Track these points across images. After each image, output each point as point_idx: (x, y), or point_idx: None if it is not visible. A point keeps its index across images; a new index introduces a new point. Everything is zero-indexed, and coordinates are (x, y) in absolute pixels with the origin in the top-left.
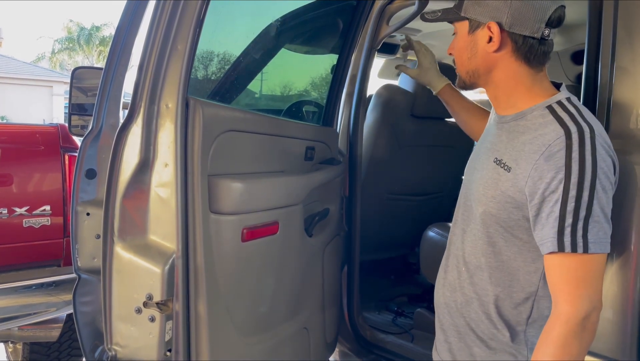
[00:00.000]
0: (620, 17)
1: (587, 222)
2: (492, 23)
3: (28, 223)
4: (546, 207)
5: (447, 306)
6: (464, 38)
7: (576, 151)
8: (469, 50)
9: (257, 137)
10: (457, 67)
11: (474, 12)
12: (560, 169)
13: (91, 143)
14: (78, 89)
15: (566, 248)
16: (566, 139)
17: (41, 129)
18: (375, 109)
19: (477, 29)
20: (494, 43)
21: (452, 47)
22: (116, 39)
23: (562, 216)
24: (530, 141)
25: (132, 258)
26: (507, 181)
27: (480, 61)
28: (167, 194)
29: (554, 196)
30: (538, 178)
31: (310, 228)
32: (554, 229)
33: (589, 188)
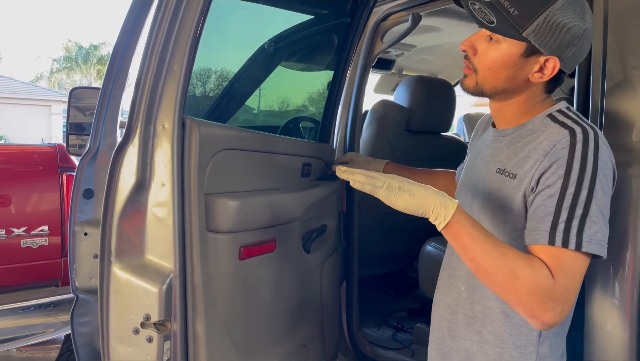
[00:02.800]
0: (610, 30)
1: (584, 221)
2: (553, 59)
3: (26, 243)
4: (539, 199)
5: (449, 329)
6: (510, 57)
7: (579, 150)
8: (511, 71)
9: (253, 155)
10: (483, 77)
11: (542, 41)
12: (562, 165)
13: (89, 163)
14: (76, 108)
15: (557, 242)
16: (570, 139)
17: (39, 150)
18: (371, 125)
19: (532, 55)
20: (543, 76)
21: (476, 49)
22: (113, 59)
23: (557, 211)
24: (535, 147)
25: (130, 278)
26: (513, 188)
27: (516, 84)
28: (164, 213)
29: (550, 190)
30: (540, 175)
31: (308, 244)
32: (547, 224)
33: (588, 187)
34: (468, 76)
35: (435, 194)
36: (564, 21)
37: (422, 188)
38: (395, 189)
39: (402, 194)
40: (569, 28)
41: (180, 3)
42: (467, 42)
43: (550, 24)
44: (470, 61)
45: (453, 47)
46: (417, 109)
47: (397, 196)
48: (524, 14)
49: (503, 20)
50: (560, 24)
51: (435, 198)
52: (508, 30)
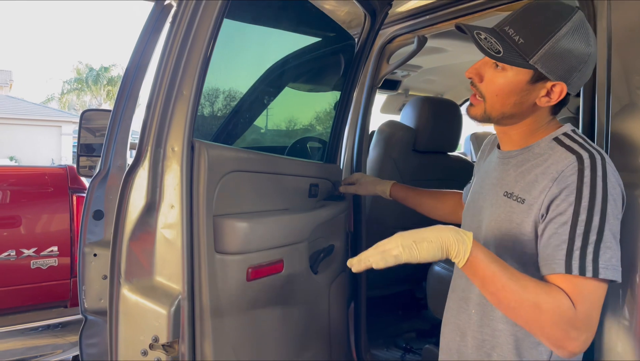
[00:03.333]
0: (614, 51)
1: (598, 247)
2: (561, 84)
3: (36, 264)
4: (551, 227)
5: (458, 352)
6: (517, 84)
7: (588, 176)
8: (519, 97)
9: (261, 176)
10: (491, 105)
11: (549, 67)
12: (572, 192)
13: (99, 185)
14: (87, 130)
15: (574, 270)
16: (578, 164)
17: (50, 171)
18: (377, 145)
19: (539, 81)
20: (550, 100)
21: (482, 76)
22: (124, 82)
23: (571, 239)
24: (542, 172)
25: (139, 299)
26: (522, 212)
27: (524, 109)
28: (173, 235)
29: (562, 218)
30: (550, 202)
31: (316, 265)
32: (562, 252)
33: (600, 213)
34: (475, 105)
35: (449, 232)
36: (570, 47)
37: (434, 231)
38: (412, 246)
39: (421, 246)
40: (575, 54)
41: (190, 28)
42: (472, 69)
43: (557, 50)
44: (476, 87)
45: (458, 67)
46: (424, 129)
47: (418, 250)
48: (530, 42)
49: (509, 49)
50: (567, 50)
51: (451, 235)
52: (515, 59)
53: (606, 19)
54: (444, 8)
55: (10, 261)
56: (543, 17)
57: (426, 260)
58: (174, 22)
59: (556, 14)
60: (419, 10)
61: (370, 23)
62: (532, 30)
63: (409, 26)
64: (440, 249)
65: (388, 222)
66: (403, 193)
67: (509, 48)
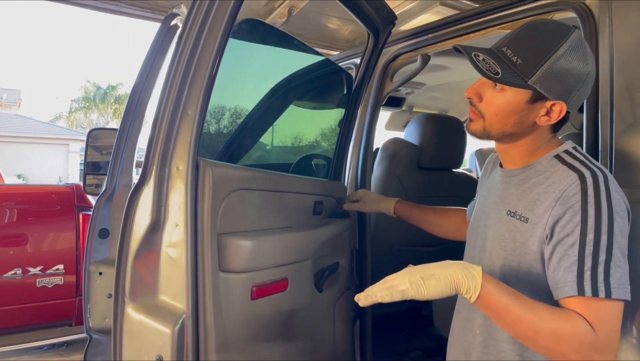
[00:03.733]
0: (616, 68)
1: (609, 266)
2: (560, 103)
3: (41, 282)
4: (560, 249)
5: None
6: (517, 104)
7: (592, 195)
8: (518, 117)
9: (265, 194)
10: (490, 124)
11: (548, 87)
12: (577, 212)
13: (105, 203)
14: (94, 148)
15: (586, 292)
16: (581, 183)
17: (57, 189)
18: (382, 162)
19: (538, 101)
20: (550, 119)
21: (481, 96)
22: (130, 102)
23: (581, 260)
24: (544, 190)
25: (143, 318)
26: (526, 232)
27: (524, 128)
28: (178, 254)
29: (570, 239)
30: (554, 223)
31: (320, 283)
32: (572, 273)
33: (607, 232)
34: (474, 121)
35: (458, 268)
36: (568, 67)
37: (442, 267)
38: (419, 282)
39: (429, 283)
40: (574, 73)
41: (195, 49)
42: (471, 89)
43: (555, 70)
44: (476, 107)
45: (462, 84)
46: (428, 146)
47: (426, 287)
48: (528, 62)
49: (508, 70)
50: (565, 69)
51: (459, 271)
52: (514, 80)
53: (608, 37)
54: (446, 27)
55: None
56: (541, 37)
57: (434, 297)
58: (180, 43)
59: (554, 34)
60: (421, 29)
61: (373, 42)
62: (530, 50)
63: (412, 44)
64: (448, 286)
65: (393, 240)
66: (407, 210)
67: (507, 69)
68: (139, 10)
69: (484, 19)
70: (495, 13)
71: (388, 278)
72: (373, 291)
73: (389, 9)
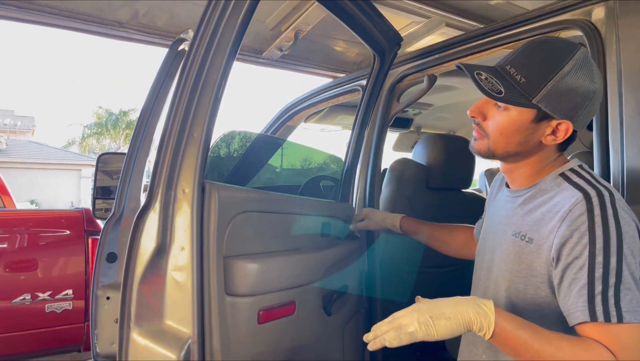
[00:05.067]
0: (625, 86)
1: (618, 289)
2: (566, 122)
3: (50, 308)
4: (569, 273)
5: None
6: (521, 123)
7: (598, 215)
8: (523, 136)
9: (272, 216)
10: (495, 142)
11: (553, 106)
12: (584, 234)
13: (113, 227)
14: (103, 172)
15: (598, 317)
16: (586, 203)
17: (66, 214)
18: (390, 183)
19: (543, 120)
20: (556, 139)
21: (485, 114)
22: (138, 126)
23: (591, 283)
24: (549, 210)
25: (148, 344)
26: (531, 253)
27: (530, 147)
28: (183, 277)
29: (578, 262)
30: (561, 245)
31: (329, 306)
32: (583, 298)
33: (616, 254)
34: (479, 140)
35: (469, 306)
36: (573, 85)
37: (451, 305)
38: (428, 322)
39: (438, 323)
40: (580, 92)
41: (201, 73)
42: (475, 108)
43: (560, 89)
44: (480, 126)
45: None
46: (436, 166)
47: (435, 328)
48: (532, 81)
49: (511, 89)
50: (570, 88)
51: (470, 310)
52: (518, 99)
53: (616, 54)
54: (452, 47)
55: (25, 305)
56: (544, 55)
57: (444, 338)
58: (185, 67)
59: (558, 52)
60: (427, 50)
61: (379, 63)
62: (534, 68)
63: (419, 65)
64: (460, 325)
65: (402, 262)
66: (413, 226)
67: (510, 88)
68: (148, 36)
69: (489, 39)
70: (501, 33)
71: (397, 316)
72: (382, 332)
73: (394, 30)
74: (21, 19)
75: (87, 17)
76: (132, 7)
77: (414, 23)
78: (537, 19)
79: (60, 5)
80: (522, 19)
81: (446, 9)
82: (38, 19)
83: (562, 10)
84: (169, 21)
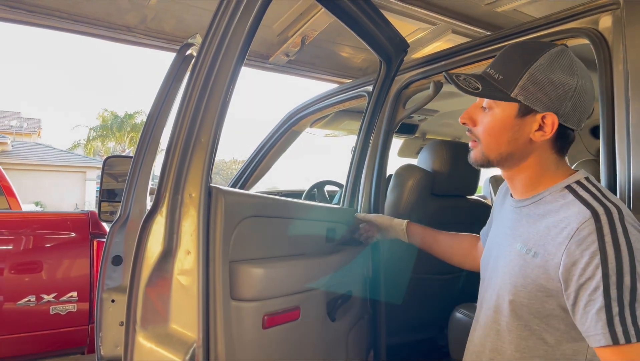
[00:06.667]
0: (632, 92)
1: (634, 307)
2: (550, 114)
3: (55, 310)
4: (583, 295)
5: None
6: (506, 120)
7: (608, 234)
8: (510, 133)
9: (278, 221)
10: (486, 145)
11: (532, 98)
12: (595, 254)
13: (119, 230)
14: (109, 175)
15: (620, 339)
16: (595, 222)
17: (72, 217)
18: (395, 189)
19: (527, 115)
20: (545, 134)
21: (474, 119)
22: (145, 130)
23: (608, 305)
24: (554, 224)
25: (153, 347)
26: (536, 268)
27: (521, 146)
28: (189, 281)
29: (592, 283)
30: (571, 264)
31: (333, 311)
32: (602, 321)
33: (630, 272)
34: (473, 148)
35: None
36: (550, 77)
37: None
38: None
39: None
40: (558, 83)
41: (209, 78)
42: (465, 114)
43: (536, 81)
44: (472, 132)
45: None
46: (441, 173)
47: None
48: (508, 76)
49: (489, 85)
50: (547, 80)
51: None
52: (495, 94)
53: (623, 63)
54: (458, 54)
55: (30, 306)
56: (520, 53)
57: None
58: (193, 71)
59: (533, 49)
60: (433, 57)
61: (386, 69)
62: (510, 66)
63: (425, 72)
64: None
65: (407, 268)
66: (420, 230)
67: (488, 85)
68: (156, 41)
69: (495, 46)
70: (507, 40)
71: None
72: None
73: (401, 37)
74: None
75: (96, 22)
76: (140, 12)
77: (420, 30)
78: (544, 27)
79: (70, 9)
80: (528, 26)
81: (452, 16)
82: (48, 23)
83: (569, 18)
84: (176, 26)
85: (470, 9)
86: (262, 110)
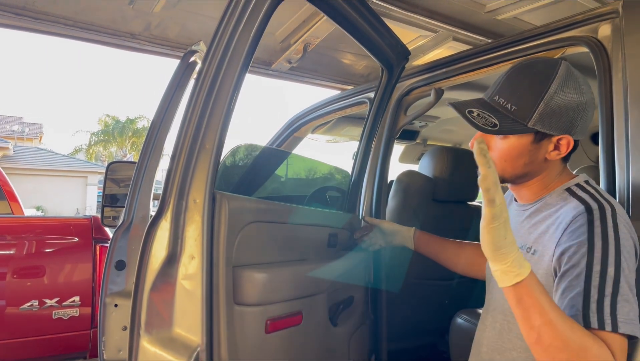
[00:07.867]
0: (631, 100)
1: (615, 300)
2: (566, 137)
3: (57, 314)
4: (565, 280)
5: None
6: (522, 147)
7: (598, 227)
8: (527, 158)
9: (281, 226)
10: (502, 170)
11: (549, 125)
12: (582, 243)
13: (122, 235)
14: (112, 180)
15: (592, 324)
16: (587, 215)
17: (74, 221)
18: (396, 195)
19: (543, 139)
20: (560, 153)
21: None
22: (149, 136)
23: (587, 291)
24: (553, 222)
25: (157, 351)
26: (535, 264)
27: (537, 166)
28: (193, 286)
29: (576, 270)
30: (560, 254)
31: (335, 316)
32: (578, 305)
33: (614, 264)
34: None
35: (518, 251)
36: (564, 102)
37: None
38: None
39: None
40: (571, 106)
41: (214, 85)
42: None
43: (552, 108)
44: None
45: None
46: (443, 179)
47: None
48: (523, 107)
49: (505, 118)
50: (561, 105)
51: (516, 253)
52: (513, 127)
53: (622, 71)
54: (459, 61)
55: (32, 311)
56: (529, 79)
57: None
58: (199, 79)
59: (541, 74)
60: (435, 64)
61: (387, 76)
62: (523, 94)
63: (426, 79)
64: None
65: (409, 273)
66: (427, 238)
67: (504, 117)
68: (160, 47)
69: (496, 54)
70: (508, 48)
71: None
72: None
73: (402, 44)
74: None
75: (101, 29)
76: (144, 19)
77: (421, 37)
78: (544, 35)
79: (75, 16)
80: (529, 34)
81: (454, 24)
82: (53, 30)
83: (569, 27)
84: (180, 33)
85: (471, 17)
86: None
